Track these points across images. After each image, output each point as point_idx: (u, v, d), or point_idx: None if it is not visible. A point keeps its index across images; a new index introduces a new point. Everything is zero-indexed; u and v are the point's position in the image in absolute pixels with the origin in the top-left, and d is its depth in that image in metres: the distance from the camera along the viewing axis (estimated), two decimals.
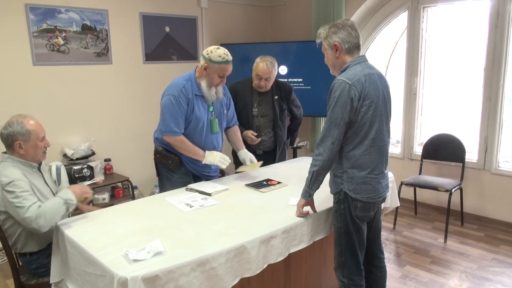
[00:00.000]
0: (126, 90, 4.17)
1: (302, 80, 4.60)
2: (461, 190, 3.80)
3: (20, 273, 2.22)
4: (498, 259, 3.26)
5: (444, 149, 3.96)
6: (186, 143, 2.60)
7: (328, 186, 2.11)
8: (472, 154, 4.00)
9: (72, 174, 3.60)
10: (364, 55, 2.02)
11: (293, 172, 2.87)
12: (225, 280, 1.76)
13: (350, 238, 2.05)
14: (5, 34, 3.38)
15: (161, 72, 4.36)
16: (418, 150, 4.38)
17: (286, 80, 4.53)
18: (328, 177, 2.08)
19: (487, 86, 3.82)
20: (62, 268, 2.00)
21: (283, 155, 3.42)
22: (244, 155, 2.87)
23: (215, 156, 2.63)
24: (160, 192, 2.72)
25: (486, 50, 3.79)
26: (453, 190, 3.57)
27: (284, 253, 2.00)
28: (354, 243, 2.06)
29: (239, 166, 2.90)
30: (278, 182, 2.63)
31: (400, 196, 3.28)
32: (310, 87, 4.58)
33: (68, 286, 1.93)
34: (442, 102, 4.59)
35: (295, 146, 4.41)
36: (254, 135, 3.11)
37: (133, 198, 3.92)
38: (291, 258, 2.16)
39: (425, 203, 4.37)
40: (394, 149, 4.66)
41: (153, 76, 4.32)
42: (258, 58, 3.08)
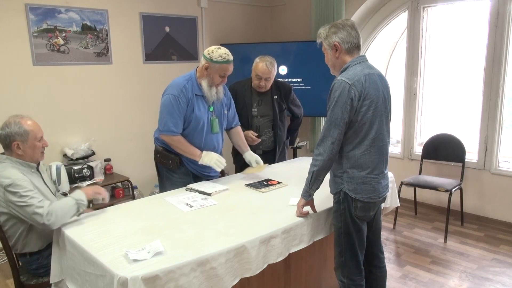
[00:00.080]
0: (126, 90, 4.17)
1: (302, 80, 4.60)
2: (461, 190, 3.80)
3: (20, 273, 2.23)
4: (498, 259, 3.26)
5: (444, 149, 3.96)
6: (183, 143, 2.59)
7: (328, 186, 2.11)
8: (472, 154, 4.00)
9: (72, 174, 3.60)
10: (364, 55, 2.02)
11: (293, 172, 2.87)
12: (225, 280, 1.76)
13: (350, 238, 2.05)
14: (5, 34, 3.38)
15: (161, 72, 4.36)
16: (418, 150, 4.38)
17: (286, 80, 4.53)
18: (328, 177, 2.09)
19: (487, 86, 3.82)
20: (62, 268, 2.00)
21: (283, 155, 3.43)
22: (249, 157, 2.86)
23: (212, 157, 2.61)
24: (160, 192, 2.72)
25: (486, 50, 3.79)
26: (453, 190, 3.57)
27: (284, 253, 2.00)
28: (354, 243, 2.06)
29: (245, 168, 2.88)
30: (278, 182, 2.63)
31: (400, 196, 3.28)
32: (310, 87, 4.58)
33: (68, 286, 1.94)
34: (442, 102, 4.59)
35: (295, 146, 4.41)
36: (255, 135, 3.11)
37: (133, 198, 3.92)
38: (291, 258, 2.16)
39: (425, 203, 4.37)
40: (394, 149, 4.66)
41: (153, 76, 4.32)
42: (258, 58, 3.08)
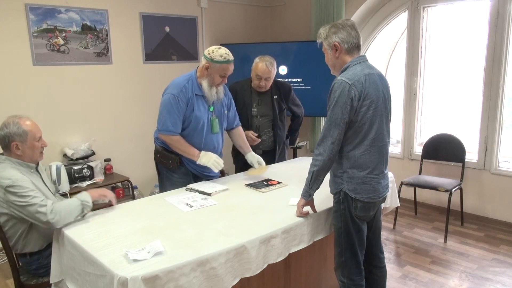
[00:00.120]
0: (126, 90, 4.17)
1: (302, 80, 4.60)
2: (461, 190, 3.80)
3: (20, 273, 2.22)
4: (498, 259, 3.26)
5: (444, 149, 3.96)
6: (181, 143, 2.59)
7: (328, 186, 2.11)
8: (472, 154, 4.00)
9: (72, 174, 3.59)
10: (364, 55, 2.02)
11: (293, 172, 2.87)
12: (225, 280, 1.76)
13: (350, 238, 2.05)
14: (5, 34, 3.38)
15: (161, 72, 4.36)
16: (418, 150, 4.38)
17: (286, 80, 4.52)
18: (328, 177, 2.08)
19: (487, 86, 3.82)
20: (62, 268, 2.00)
21: (283, 155, 3.42)
22: (251, 158, 2.86)
23: (210, 157, 2.60)
24: (160, 192, 2.72)
25: (486, 50, 3.79)
26: (453, 190, 3.57)
27: (284, 253, 2.00)
28: (354, 243, 2.06)
29: (248, 170, 2.87)
30: (278, 182, 2.63)
31: (400, 196, 3.28)
32: (310, 87, 4.58)
33: (68, 286, 1.93)
34: (442, 102, 4.59)
35: (295, 146, 4.40)
36: (255, 135, 3.11)
37: (133, 198, 3.91)
38: (291, 258, 2.16)
39: (425, 203, 4.37)
40: (394, 149, 4.66)
41: (153, 76, 4.32)
42: (257, 58, 3.08)
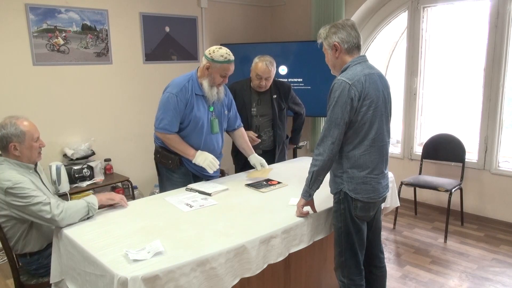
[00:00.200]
0: (126, 90, 4.17)
1: (302, 80, 4.60)
2: (461, 190, 3.80)
3: (20, 273, 2.22)
4: (498, 259, 3.26)
5: (444, 149, 3.96)
6: (177, 141, 2.59)
7: (328, 186, 2.11)
8: (472, 154, 4.00)
9: (72, 174, 3.59)
10: (364, 55, 2.02)
11: (293, 172, 2.87)
12: (225, 280, 1.76)
13: (350, 238, 2.05)
14: (5, 34, 3.38)
15: (161, 72, 4.36)
16: (418, 150, 4.38)
17: (286, 80, 4.52)
18: (328, 177, 2.08)
19: (487, 86, 3.82)
20: (62, 268, 2.00)
21: (283, 155, 3.42)
22: (254, 160, 2.85)
23: (206, 158, 2.60)
24: (160, 192, 2.71)
25: (486, 50, 3.79)
26: (453, 190, 3.57)
27: (284, 253, 2.00)
28: (354, 243, 2.06)
29: (251, 172, 2.86)
30: (278, 182, 2.63)
31: (400, 196, 3.28)
32: (310, 87, 4.58)
33: (68, 286, 1.93)
34: (442, 102, 4.59)
35: (297, 146, 4.39)
36: (255, 136, 3.11)
37: (133, 198, 3.91)
38: (291, 258, 2.16)
39: (425, 203, 4.37)
40: (394, 149, 4.66)
41: (153, 76, 4.32)
42: (257, 58, 3.07)
